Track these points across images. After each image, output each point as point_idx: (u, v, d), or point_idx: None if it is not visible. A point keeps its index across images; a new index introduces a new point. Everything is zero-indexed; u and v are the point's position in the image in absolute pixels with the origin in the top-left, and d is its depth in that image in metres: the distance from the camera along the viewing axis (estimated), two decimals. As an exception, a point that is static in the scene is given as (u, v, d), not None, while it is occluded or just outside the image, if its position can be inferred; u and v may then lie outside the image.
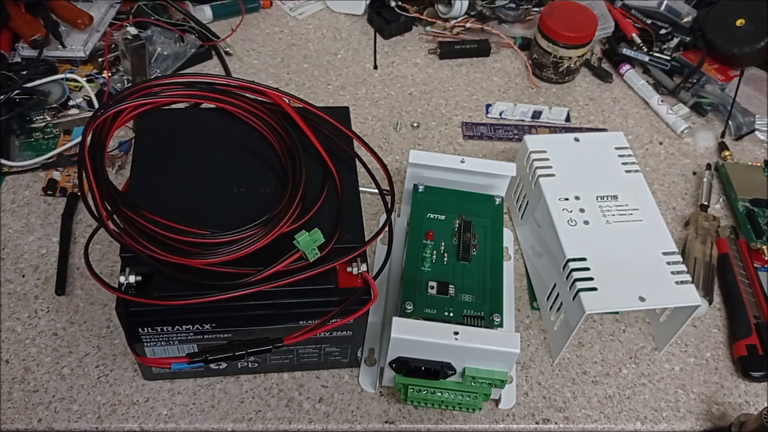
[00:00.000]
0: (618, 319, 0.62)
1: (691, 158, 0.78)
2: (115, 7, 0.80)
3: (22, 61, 0.74)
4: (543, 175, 0.62)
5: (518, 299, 0.63)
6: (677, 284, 0.55)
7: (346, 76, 0.82)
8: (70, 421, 0.52)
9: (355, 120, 0.76)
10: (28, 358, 0.55)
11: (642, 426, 0.56)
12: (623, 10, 0.90)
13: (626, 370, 0.59)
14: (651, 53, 0.86)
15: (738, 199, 0.72)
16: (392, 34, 0.88)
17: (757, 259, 0.67)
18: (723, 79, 0.84)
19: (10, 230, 0.63)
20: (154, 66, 0.77)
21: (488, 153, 0.76)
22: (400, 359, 0.50)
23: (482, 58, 0.87)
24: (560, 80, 0.84)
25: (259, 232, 0.47)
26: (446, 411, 0.54)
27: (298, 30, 0.88)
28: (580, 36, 0.80)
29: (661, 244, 0.57)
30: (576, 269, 0.55)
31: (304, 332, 0.47)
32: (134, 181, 0.51)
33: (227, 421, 0.53)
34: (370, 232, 0.52)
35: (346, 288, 0.49)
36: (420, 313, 0.53)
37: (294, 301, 0.48)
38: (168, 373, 0.54)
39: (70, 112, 0.72)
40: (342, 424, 0.53)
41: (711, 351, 0.61)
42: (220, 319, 0.48)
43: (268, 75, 0.81)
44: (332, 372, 0.56)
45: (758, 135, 0.81)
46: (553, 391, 0.57)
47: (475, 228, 0.59)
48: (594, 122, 0.81)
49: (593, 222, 0.58)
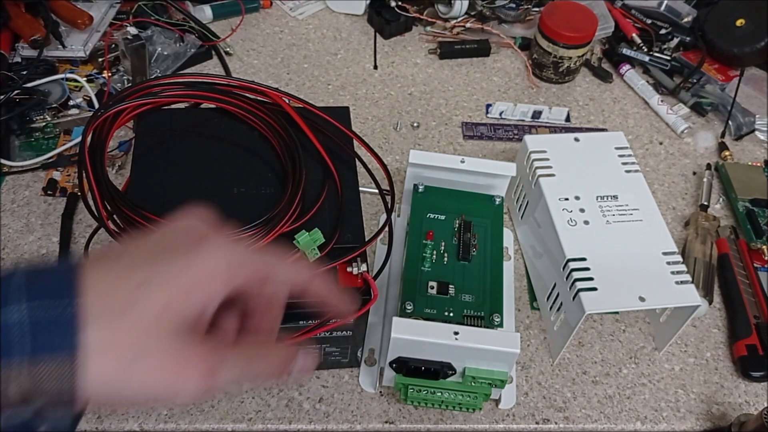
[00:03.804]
0: (618, 319, 0.62)
1: (691, 158, 0.78)
2: (115, 7, 0.80)
3: (22, 61, 0.74)
4: (543, 175, 0.62)
5: (518, 299, 0.63)
6: (677, 284, 0.55)
7: (346, 76, 0.82)
8: (70, 421, 0.52)
9: (355, 120, 0.76)
10: (28, 358, 0.55)
11: (642, 426, 0.56)
12: (623, 10, 0.90)
13: (626, 370, 0.59)
14: (651, 53, 0.86)
15: (738, 199, 0.72)
16: (392, 34, 0.88)
17: (757, 259, 0.67)
18: (723, 79, 0.84)
19: (10, 230, 0.63)
20: (154, 66, 0.77)
21: (488, 153, 0.76)
22: (400, 359, 0.50)
23: (482, 58, 0.87)
24: (560, 80, 0.84)
25: (259, 232, 0.47)
26: (446, 411, 0.54)
27: (298, 30, 0.88)
28: (580, 36, 0.80)
29: (661, 244, 0.57)
30: (576, 269, 0.55)
31: (305, 332, 0.47)
32: (134, 181, 0.51)
33: (227, 421, 0.53)
34: (370, 232, 0.52)
35: (346, 288, 0.49)
36: (420, 313, 0.53)
37: (294, 301, 0.48)
38: (168, 373, 0.54)
39: (70, 112, 0.72)
40: (342, 424, 0.53)
41: (711, 351, 0.61)
42: (220, 319, 0.48)
43: (268, 75, 0.81)
44: (332, 372, 0.56)
45: (758, 135, 0.81)
46: (553, 391, 0.57)
47: (475, 228, 0.59)
48: (594, 122, 0.81)
49: (593, 222, 0.58)
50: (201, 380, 0.29)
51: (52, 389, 0.26)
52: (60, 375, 0.26)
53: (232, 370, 0.30)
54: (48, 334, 0.26)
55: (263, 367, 0.32)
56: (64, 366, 0.26)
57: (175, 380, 0.28)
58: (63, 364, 0.26)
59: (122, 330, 0.27)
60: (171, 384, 0.28)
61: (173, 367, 0.28)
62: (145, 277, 0.28)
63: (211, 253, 0.30)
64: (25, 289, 0.26)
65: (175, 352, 0.28)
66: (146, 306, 0.27)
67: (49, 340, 0.25)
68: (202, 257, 0.30)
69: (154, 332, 0.28)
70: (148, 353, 0.27)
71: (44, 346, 0.25)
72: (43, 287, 0.26)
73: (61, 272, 0.27)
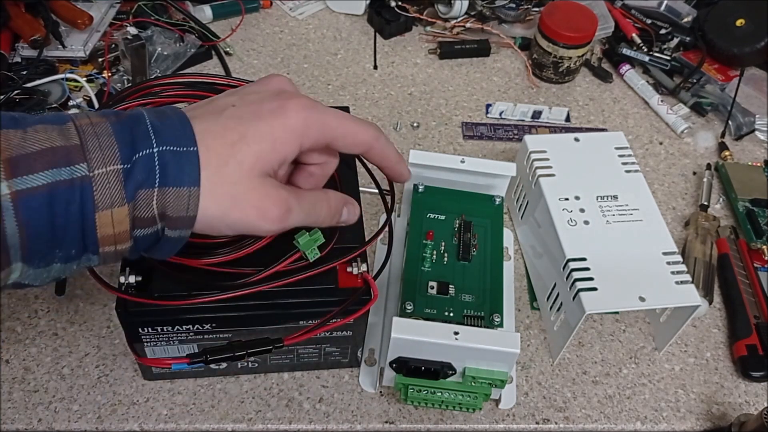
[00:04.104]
0: (618, 319, 0.62)
1: (691, 158, 0.78)
2: (115, 7, 0.80)
3: (22, 61, 0.74)
4: (543, 175, 0.62)
5: (518, 299, 0.63)
6: (677, 284, 0.55)
7: (346, 76, 0.82)
8: (70, 421, 0.52)
9: (355, 120, 0.76)
10: (28, 358, 0.55)
11: (642, 426, 0.56)
12: (623, 10, 0.90)
13: (626, 370, 0.59)
14: (651, 53, 0.86)
15: (738, 199, 0.72)
16: (392, 34, 0.88)
17: (757, 259, 0.67)
18: (723, 79, 0.84)
19: (10, 230, 0.63)
20: (154, 66, 0.77)
21: (488, 153, 0.76)
22: (400, 359, 0.50)
23: (482, 58, 0.87)
24: (560, 80, 0.84)
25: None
26: (446, 411, 0.54)
27: (298, 30, 0.88)
28: (580, 36, 0.80)
29: (661, 244, 0.57)
30: (576, 269, 0.55)
31: (305, 332, 0.46)
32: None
33: (227, 421, 0.53)
34: (370, 232, 0.52)
35: (347, 288, 0.49)
36: (420, 313, 0.53)
37: (294, 301, 0.48)
38: (168, 373, 0.54)
39: (71, 113, 0.72)
40: (342, 424, 0.53)
41: (711, 351, 0.61)
42: (220, 319, 0.48)
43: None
44: (332, 372, 0.56)
45: (758, 135, 0.81)
46: (553, 391, 0.57)
47: (475, 228, 0.59)
48: (594, 122, 0.81)
49: (593, 222, 0.58)
50: (280, 216, 0.36)
51: (175, 215, 0.34)
52: (180, 203, 0.33)
53: (301, 211, 0.38)
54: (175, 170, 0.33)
55: (324, 211, 0.40)
56: (184, 197, 0.33)
57: (262, 215, 0.36)
58: (184, 196, 0.33)
59: (223, 177, 0.34)
60: (258, 218, 0.36)
61: (260, 205, 0.35)
62: (240, 135, 0.35)
63: (293, 115, 0.36)
64: (153, 136, 0.33)
65: (263, 194, 0.35)
66: (242, 159, 0.34)
67: (175, 175, 0.33)
68: (285, 117, 0.36)
69: (246, 180, 0.35)
70: (243, 196, 0.35)
71: (172, 181, 0.33)
72: (167, 135, 0.33)
73: (178, 122, 0.34)
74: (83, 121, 0.32)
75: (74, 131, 0.31)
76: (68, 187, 0.31)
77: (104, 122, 0.32)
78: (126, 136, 0.32)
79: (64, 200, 0.31)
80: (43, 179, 0.30)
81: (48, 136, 0.31)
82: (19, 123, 0.31)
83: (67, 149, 0.31)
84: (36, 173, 0.30)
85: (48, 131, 0.31)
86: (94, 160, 0.31)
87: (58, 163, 0.30)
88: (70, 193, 0.31)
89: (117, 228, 0.32)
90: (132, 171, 0.32)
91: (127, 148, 0.32)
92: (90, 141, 0.31)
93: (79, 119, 0.32)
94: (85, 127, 0.32)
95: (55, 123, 0.32)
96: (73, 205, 0.31)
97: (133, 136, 0.32)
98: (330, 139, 0.38)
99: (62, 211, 0.31)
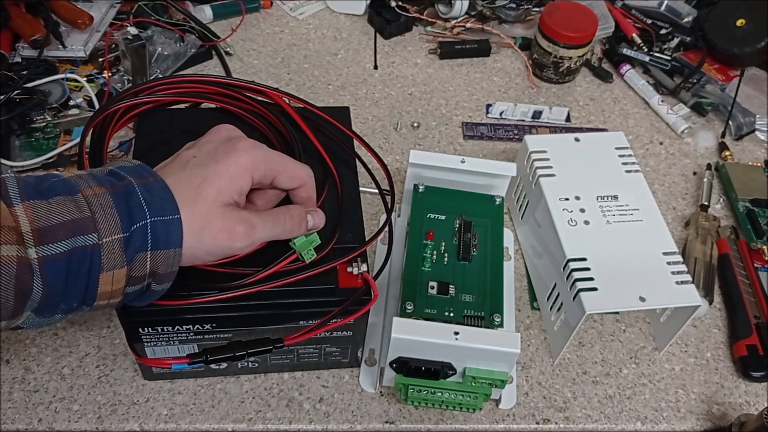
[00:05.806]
0: (618, 319, 0.62)
1: (692, 158, 0.78)
2: (115, 7, 0.80)
3: (22, 61, 0.74)
4: (543, 175, 0.62)
5: (518, 299, 0.63)
6: (677, 284, 0.55)
7: (347, 76, 0.82)
8: (71, 421, 0.52)
9: (356, 120, 0.76)
10: (29, 358, 0.55)
11: (642, 426, 0.56)
12: (623, 10, 0.90)
13: (626, 370, 0.59)
14: (651, 53, 0.86)
15: (738, 199, 0.72)
16: (392, 34, 0.88)
17: (757, 259, 0.67)
18: (723, 79, 0.84)
19: (11, 230, 0.63)
20: (154, 66, 0.77)
21: (488, 153, 0.76)
22: (400, 359, 0.50)
23: (482, 58, 0.87)
24: (560, 80, 0.84)
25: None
26: (446, 411, 0.54)
27: (299, 30, 0.88)
28: (580, 36, 0.80)
29: (661, 244, 0.57)
30: (576, 269, 0.55)
31: (305, 332, 0.47)
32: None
33: (227, 421, 0.53)
34: (370, 232, 0.52)
35: (347, 288, 0.49)
36: (420, 313, 0.53)
37: (294, 302, 0.48)
38: (168, 373, 0.54)
39: (71, 112, 0.72)
40: (342, 424, 0.53)
41: (711, 351, 0.61)
42: (220, 319, 0.48)
43: (268, 75, 0.81)
44: (332, 372, 0.56)
45: (758, 135, 0.81)
46: (554, 391, 0.57)
47: (476, 228, 0.59)
48: (594, 122, 0.81)
49: (593, 222, 0.58)
50: (246, 232, 0.41)
51: (163, 271, 0.40)
52: (168, 262, 0.40)
53: (265, 225, 0.43)
54: (164, 236, 0.39)
55: (288, 222, 0.45)
56: (171, 257, 0.40)
57: (230, 235, 0.41)
58: (171, 256, 0.40)
59: (195, 213, 0.40)
60: (228, 239, 0.41)
61: (227, 227, 0.41)
62: (203, 177, 0.41)
63: (242, 154, 0.42)
64: (146, 208, 0.38)
65: (227, 218, 0.41)
66: (206, 196, 0.40)
67: (164, 240, 0.39)
68: (237, 157, 0.42)
69: (212, 210, 0.40)
70: (211, 224, 0.40)
71: (162, 245, 0.39)
72: (156, 206, 0.39)
73: (162, 192, 0.39)
74: (88, 192, 0.38)
75: (85, 204, 0.37)
76: (83, 252, 0.36)
77: (105, 193, 0.38)
78: (123, 208, 0.38)
79: (78, 263, 0.36)
80: (65, 246, 0.36)
81: (68, 209, 0.36)
82: (42, 194, 0.36)
83: (83, 221, 0.36)
84: (59, 242, 0.36)
85: (66, 204, 0.36)
86: (103, 230, 0.37)
87: (76, 232, 0.36)
88: (83, 257, 0.36)
89: (115, 285, 0.38)
90: (131, 239, 0.38)
91: (126, 218, 0.38)
92: (98, 213, 0.37)
93: (84, 189, 0.38)
94: (91, 198, 0.37)
95: (68, 194, 0.37)
96: (84, 266, 0.37)
97: (129, 207, 0.38)
98: (275, 173, 0.45)
99: (75, 272, 0.36)
